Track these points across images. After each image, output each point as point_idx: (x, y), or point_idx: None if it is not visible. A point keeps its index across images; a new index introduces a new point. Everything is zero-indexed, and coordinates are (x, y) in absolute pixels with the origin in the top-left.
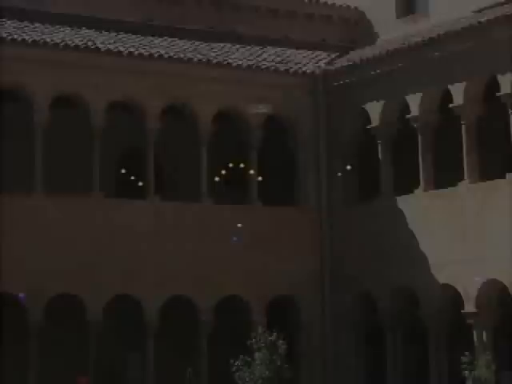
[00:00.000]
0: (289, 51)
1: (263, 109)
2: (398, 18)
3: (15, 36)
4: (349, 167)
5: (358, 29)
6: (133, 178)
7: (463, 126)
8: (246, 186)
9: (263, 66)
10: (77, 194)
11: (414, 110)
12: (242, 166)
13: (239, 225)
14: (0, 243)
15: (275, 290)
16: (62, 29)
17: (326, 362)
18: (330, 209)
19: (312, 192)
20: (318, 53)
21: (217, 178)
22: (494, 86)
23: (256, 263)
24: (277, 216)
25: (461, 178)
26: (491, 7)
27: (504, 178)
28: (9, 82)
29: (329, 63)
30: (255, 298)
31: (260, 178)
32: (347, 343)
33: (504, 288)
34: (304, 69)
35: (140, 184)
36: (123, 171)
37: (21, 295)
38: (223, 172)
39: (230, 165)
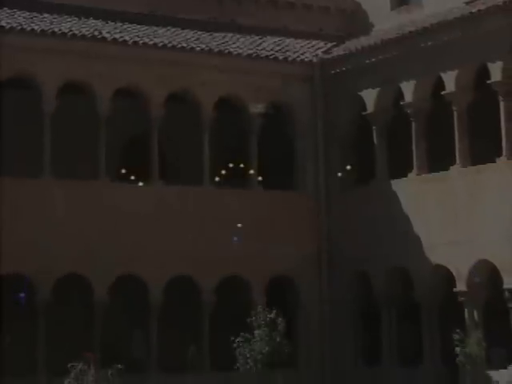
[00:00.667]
0: (287, 41)
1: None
2: (392, 8)
3: (24, 26)
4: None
5: (354, 19)
6: (137, 164)
7: (455, 113)
8: (247, 171)
9: (263, 55)
10: (83, 179)
11: (408, 97)
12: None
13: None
14: (10, 226)
15: (274, 270)
16: (69, 19)
17: (323, 340)
18: (328, 193)
19: (310, 176)
20: (315, 42)
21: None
22: (484, 74)
23: (256, 245)
24: (276, 200)
25: (452, 163)
26: None
27: (494, 162)
28: (18, 70)
29: (326, 52)
30: (255, 278)
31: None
32: (344, 322)
33: (494, 268)
34: (302, 57)
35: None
36: (128, 156)
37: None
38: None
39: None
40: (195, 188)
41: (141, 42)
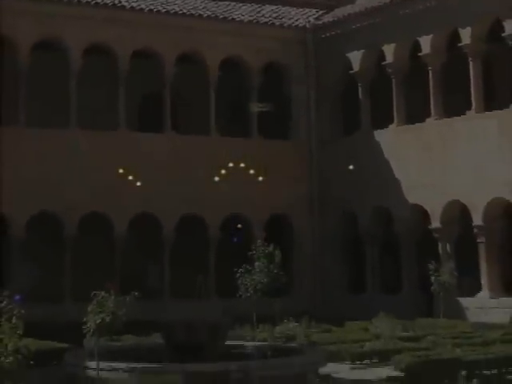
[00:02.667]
0: (283, 8)
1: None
2: None
3: None
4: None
5: None
6: (152, 116)
7: (430, 72)
8: (248, 122)
9: (262, 21)
10: (105, 129)
11: (389, 58)
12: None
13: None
14: (41, 170)
15: (272, 210)
16: None
17: (315, 271)
18: (319, 141)
19: (303, 127)
20: (308, 10)
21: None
22: (455, 38)
23: (256, 187)
24: (274, 148)
25: (428, 115)
26: None
27: (464, 114)
28: (48, 34)
29: (317, 19)
30: (255, 217)
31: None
32: (333, 256)
33: (464, 207)
34: (296, 23)
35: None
36: (144, 109)
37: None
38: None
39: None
40: (203, 136)
41: (155, 9)
